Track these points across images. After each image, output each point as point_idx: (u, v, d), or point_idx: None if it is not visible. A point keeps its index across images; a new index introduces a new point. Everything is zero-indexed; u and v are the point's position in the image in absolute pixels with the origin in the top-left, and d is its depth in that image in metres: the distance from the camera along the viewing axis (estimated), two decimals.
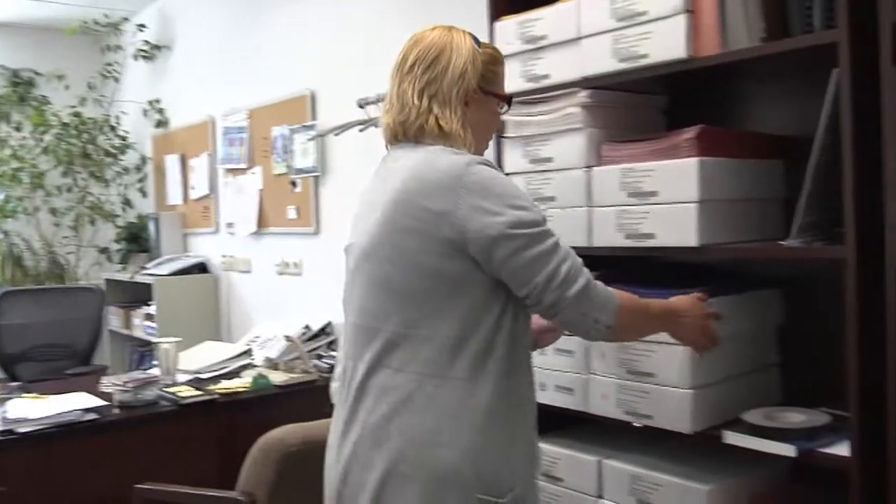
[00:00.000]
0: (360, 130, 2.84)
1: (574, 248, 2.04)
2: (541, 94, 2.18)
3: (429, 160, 1.59)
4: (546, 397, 2.23)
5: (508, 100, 1.82)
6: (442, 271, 1.55)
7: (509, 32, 2.26)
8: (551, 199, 2.18)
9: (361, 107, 3.00)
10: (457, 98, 1.67)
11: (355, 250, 1.70)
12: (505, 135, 2.28)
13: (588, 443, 2.23)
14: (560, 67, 2.14)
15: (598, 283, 1.59)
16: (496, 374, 1.56)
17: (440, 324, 1.55)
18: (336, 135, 2.97)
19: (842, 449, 1.65)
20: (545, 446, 2.27)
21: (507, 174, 2.28)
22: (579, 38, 2.08)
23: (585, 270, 1.58)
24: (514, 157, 2.28)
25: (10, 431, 2.63)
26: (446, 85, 1.67)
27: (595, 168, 2.07)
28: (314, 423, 2.20)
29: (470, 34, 1.74)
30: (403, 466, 1.52)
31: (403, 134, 1.69)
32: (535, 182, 2.22)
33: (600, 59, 2.03)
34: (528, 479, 1.64)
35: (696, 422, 1.88)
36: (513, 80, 2.26)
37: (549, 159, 2.18)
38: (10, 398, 2.94)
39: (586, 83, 2.08)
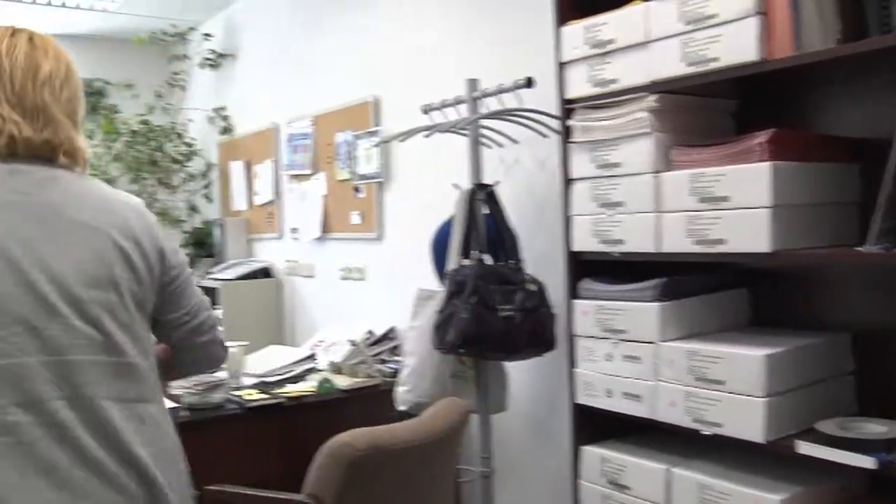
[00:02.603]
0: (426, 136, 2.85)
1: (642, 253, 2.08)
2: (608, 99, 2.17)
3: (113, 192, 1.60)
4: (612, 404, 2.22)
5: None
6: (148, 303, 1.58)
7: (576, 37, 2.25)
8: (619, 204, 2.16)
9: (426, 112, 3.01)
10: (81, 120, 1.62)
11: (47, 281, 1.44)
12: (571, 140, 2.28)
13: (655, 450, 2.21)
14: (628, 72, 2.12)
15: None
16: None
17: (149, 353, 1.58)
18: (401, 141, 2.99)
19: None
20: (611, 453, 2.26)
21: (571, 179, 2.31)
22: (647, 42, 2.06)
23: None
24: (581, 162, 2.27)
25: None
26: (80, 107, 1.61)
27: (664, 173, 2.05)
28: (382, 428, 2.21)
29: None
30: (175, 484, 1.56)
31: (50, 152, 1.52)
32: (603, 187, 2.20)
33: (669, 63, 2.01)
34: None
35: (769, 431, 1.85)
36: (580, 84, 2.25)
37: (616, 164, 2.16)
38: None
39: (654, 87, 2.06)
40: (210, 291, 4.88)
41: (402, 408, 2.81)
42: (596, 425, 2.36)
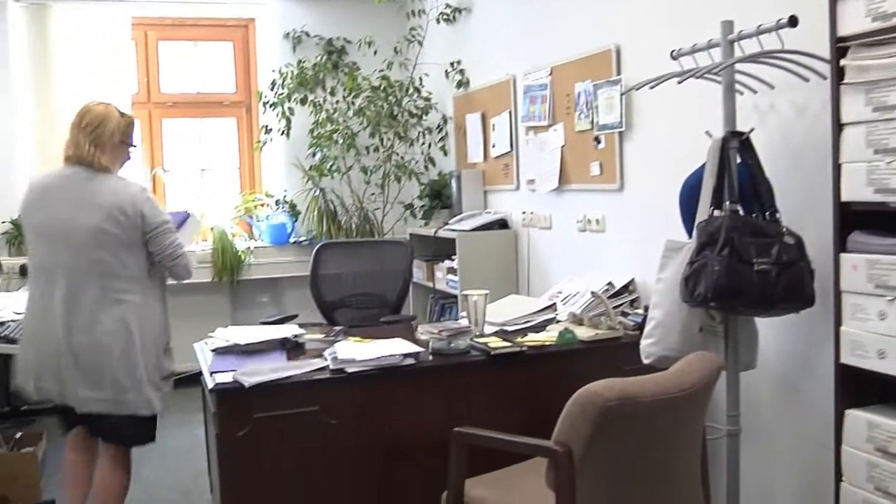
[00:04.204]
0: (679, 82, 2.75)
1: None
2: (890, 35, 1.99)
3: (119, 184, 3.10)
4: (885, 366, 2.08)
5: (131, 146, 3.26)
6: (135, 243, 3.08)
7: None
8: None
9: (675, 58, 2.90)
10: (109, 145, 3.12)
11: (77, 231, 3.03)
12: (844, 81, 2.11)
13: None
14: None
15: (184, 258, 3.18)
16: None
17: (129, 266, 3.09)
18: (651, 88, 2.89)
19: None
20: (881, 419, 2.11)
21: (842, 124, 2.16)
22: None
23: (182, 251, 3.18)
24: (853, 105, 2.11)
25: (341, 371, 2.86)
26: (106, 138, 3.10)
27: None
28: (631, 379, 2.18)
29: (116, 108, 3.20)
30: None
31: (79, 163, 3.09)
32: (879, 132, 2.04)
33: None
34: None
35: None
36: (855, 20, 2.09)
37: None
38: (338, 340, 3.18)
39: None
40: (447, 242, 5.02)
41: (646, 361, 2.77)
42: (862, 388, 2.21)
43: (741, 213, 2.61)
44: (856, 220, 2.21)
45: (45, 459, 4.27)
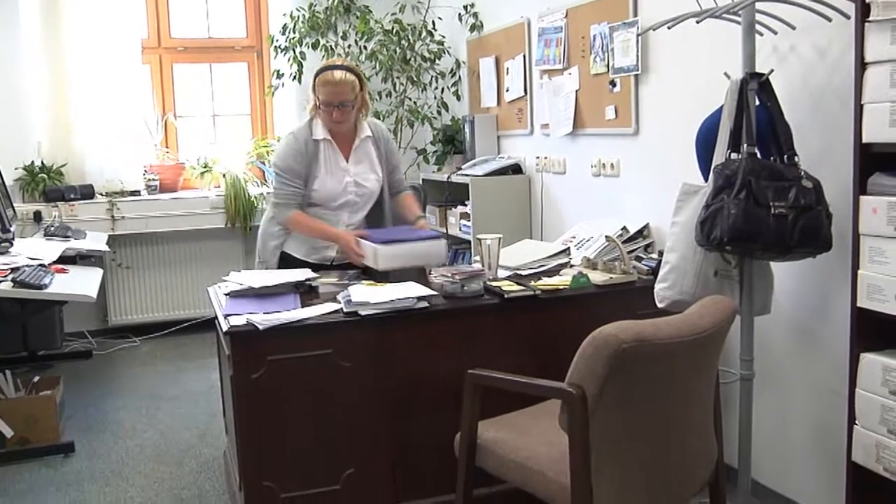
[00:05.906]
0: (697, 22, 2.69)
1: None
2: None
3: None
4: None
5: (317, 105, 3.57)
6: None
7: None
8: None
9: None
10: (311, 100, 3.61)
11: None
12: (869, 18, 2.07)
13: None
14: None
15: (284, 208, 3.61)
16: None
17: None
18: (669, 28, 2.83)
19: None
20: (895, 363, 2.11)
21: (866, 63, 2.11)
22: None
23: (282, 200, 3.61)
24: (877, 44, 2.07)
25: (355, 313, 2.86)
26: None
27: None
28: (647, 322, 2.17)
29: (323, 69, 3.55)
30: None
31: None
32: None
33: None
34: None
35: None
36: None
37: None
38: (351, 284, 3.18)
39: None
40: (460, 187, 5.00)
41: (660, 305, 2.76)
42: (878, 332, 2.20)
43: (759, 156, 2.57)
44: (876, 163, 2.17)
45: (63, 402, 4.33)
